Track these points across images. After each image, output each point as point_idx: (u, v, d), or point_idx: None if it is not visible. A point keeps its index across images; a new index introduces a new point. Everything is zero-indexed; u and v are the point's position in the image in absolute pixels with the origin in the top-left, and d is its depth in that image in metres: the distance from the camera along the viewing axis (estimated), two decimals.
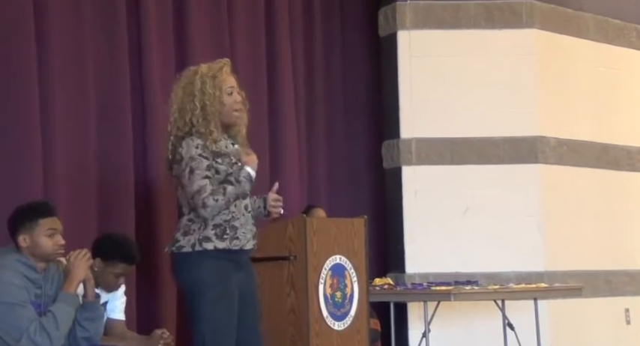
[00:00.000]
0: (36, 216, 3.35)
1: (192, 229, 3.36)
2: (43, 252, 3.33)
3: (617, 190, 6.42)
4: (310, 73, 5.79)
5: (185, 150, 3.35)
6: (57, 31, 4.31)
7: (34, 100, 4.17)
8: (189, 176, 3.32)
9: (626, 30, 6.62)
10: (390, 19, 6.01)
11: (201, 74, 3.42)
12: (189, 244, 3.35)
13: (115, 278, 3.66)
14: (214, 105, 3.38)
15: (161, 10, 4.83)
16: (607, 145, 6.40)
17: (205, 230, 3.34)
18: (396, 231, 5.87)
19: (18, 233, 3.35)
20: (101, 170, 4.46)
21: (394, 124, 5.94)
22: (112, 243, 3.71)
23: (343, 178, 5.93)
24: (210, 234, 3.34)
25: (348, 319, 4.13)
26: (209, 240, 3.34)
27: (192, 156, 3.33)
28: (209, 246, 3.33)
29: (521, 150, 5.96)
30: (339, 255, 4.13)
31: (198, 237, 3.34)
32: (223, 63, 3.48)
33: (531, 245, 5.88)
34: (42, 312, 3.31)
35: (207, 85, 3.38)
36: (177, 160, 3.38)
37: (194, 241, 3.34)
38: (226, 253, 3.36)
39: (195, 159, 3.32)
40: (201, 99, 3.37)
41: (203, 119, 3.36)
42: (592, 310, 6.09)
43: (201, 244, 3.33)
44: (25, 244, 3.33)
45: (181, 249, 3.36)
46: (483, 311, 5.61)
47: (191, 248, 3.34)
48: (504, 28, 6.03)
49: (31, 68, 4.18)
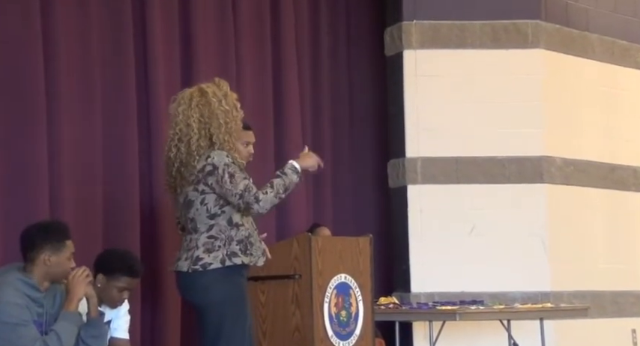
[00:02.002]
0: (64, 238, 3.39)
1: (217, 246, 3.40)
2: (61, 273, 3.36)
3: (623, 210, 6.40)
4: (316, 92, 5.81)
5: (217, 159, 3.41)
6: (63, 44, 4.32)
7: (41, 115, 4.19)
8: (231, 180, 3.38)
9: (631, 50, 6.63)
10: (396, 39, 6.03)
11: (212, 94, 3.50)
12: (218, 260, 3.38)
13: (119, 293, 3.65)
14: (237, 122, 3.49)
15: (167, 21, 4.84)
16: (613, 165, 6.39)
17: (230, 245, 3.39)
18: (401, 250, 5.86)
19: (41, 251, 3.34)
20: (106, 187, 4.46)
21: (400, 143, 5.94)
22: (113, 257, 3.72)
23: (348, 197, 5.93)
24: (236, 250, 3.40)
25: (353, 338, 4.11)
26: (236, 256, 3.39)
27: (227, 163, 3.40)
28: (238, 261, 3.39)
29: (527, 170, 5.96)
30: (345, 273, 4.12)
31: (225, 253, 3.38)
32: (225, 84, 3.57)
33: (537, 265, 5.86)
34: (44, 331, 3.31)
35: (224, 104, 3.48)
36: (208, 172, 3.40)
37: (222, 257, 3.38)
38: (245, 269, 3.44)
39: (230, 165, 3.40)
40: (224, 118, 3.46)
41: (229, 135, 3.45)
42: (598, 331, 6.05)
43: (231, 259, 3.38)
44: (48, 263, 3.33)
45: (208, 267, 3.37)
46: (489, 331, 5.58)
47: (220, 263, 3.37)
48: (510, 48, 6.04)
49: (39, 83, 4.19)
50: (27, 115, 4.16)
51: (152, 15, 4.73)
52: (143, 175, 4.63)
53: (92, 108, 4.46)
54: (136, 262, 3.76)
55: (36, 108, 4.17)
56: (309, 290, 3.96)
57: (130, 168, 4.57)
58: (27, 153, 4.15)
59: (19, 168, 4.14)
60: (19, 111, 4.16)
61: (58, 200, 4.21)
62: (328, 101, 5.88)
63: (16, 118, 4.16)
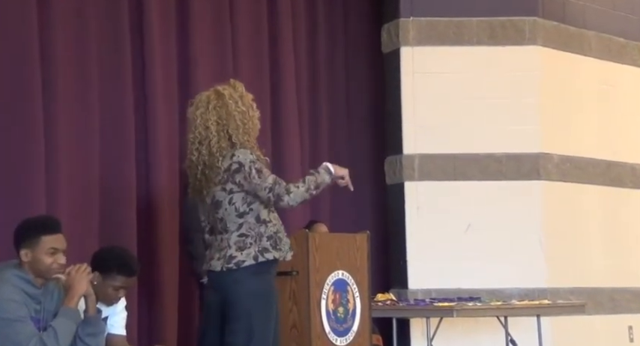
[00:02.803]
0: (40, 233, 3.34)
1: (249, 243, 3.44)
2: (41, 269, 3.32)
3: (620, 207, 6.41)
4: (314, 89, 5.81)
5: (242, 157, 3.46)
6: (60, 48, 4.33)
7: (38, 115, 4.19)
8: (259, 174, 3.43)
9: (628, 47, 6.64)
10: (393, 36, 6.03)
11: (229, 96, 3.55)
12: (251, 257, 3.42)
13: (115, 292, 3.65)
14: (253, 121, 3.54)
15: (164, 26, 4.85)
16: (610, 162, 6.40)
17: (262, 242, 3.44)
18: (398, 247, 5.86)
19: (21, 247, 3.35)
20: (103, 186, 4.47)
21: (397, 140, 5.95)
22: (109, 255, 3.71)
23: (346, 193, 5.89)
24: (267, 245, 3.44)
25: (351, 335, 4.12)
26: (268, 251, 3.44)
27: (252, 159, 3.45)
28: (270, 256, 3.44)
29: (524, 167, 5.96)
30: (342, 270, 4.13)
31: (257, 249, 3.43)
32: (240, 85, 3.62)
33: (534, 261, 5.87)
34: (41, 328, 3.29)
35: (240, 105, 3.53)
36: (235, 170, 3.45)
37: (255, 253, 3.43)
38: (276, 264, 3.49)
39: (255, 162, 3.45)
40: (242, 119, 3.51)
41: (247, 135, 3.50)
42: (595, 327, 6.07)
43: (263, 255, 3.43)
44: (27, 259, 3.33)
45: (242, 264, 3.42)
46: (486, 328, 5.59)
47: (254, 260, 3.42)
48: (507, 45, 6.05)
49: (35, 79, 4.19)
50: (23, 112, 4.16)
51: (150, 21, 4.72)
52: (140, 171, 4.64)
53: (89, 104, 4.46)
54: (132, 261, 3.76)
55: (32, 105, 4.17)
56: (307, 286, 3.96)
57: (126, 164, 4.57)
58: (23, 149, 4.15)
59: (15, 164, 4.14)
60: (16, 108, 4.16)
61: (55, 196, 4.21)
62: (325, 98, 5.88)
63: (13, 115, 4.16)
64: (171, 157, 4.76)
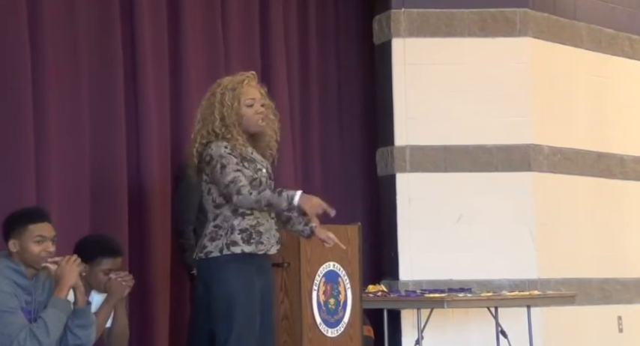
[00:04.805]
0: (26, 222, 3.35)
1: (220, 234, 3.44)
2: (29, 257, 3.33)
3: (610, 198, 6.44)
4: (305, 81, 5.80)
5: (214, 150, 3.45)
6: (51, 41, 4.32)
7: (28, 109, 4.18)
8: (222, 170, 3.43)
9: (618, 39, 6.65)
10: (384, 27, 6.03)
11: (222, 86, 3.55)
12: (217, 249, 3.43)
13: (106, 276, 3.66)
14: (231, 116, 3.50)
15: (155, 19, 4.83)
16: (600, 153, 6.42)
17: (232, 235, 3.43)
18: (389, 238, 5.88)
19: (9, 238, 3.35)
20: (94, 180, 4.46)
21: (388, 132, 5.95)
22: (89, 243, 3.74)
23: (337, 185, 5.94)
24: (237, 239, 3.43)
25: (342, 326, 4.13)
26: (236, 244, 3.42)
27: (222, 154, 3.44)
28: (237, 249, 3.42)
29: (515, 158, 5.98)
30: (333, 261, 4.14)
31: (225, 242, 3.43)
32: (246, 76, 3.59)
33: (525, 252, 5.89)
34: (32, 319, 3.30)
35: (227, 97, 3.51)
36: (206, 161, 3.47)
37: (222, 246, 3.43)
38: (252, 257, 3.44)
39: (225, 157, 3.43)
40: (220, 111, 3.49)
41: (225, 128, 3.48)
42: (585, 318, 6.10)
43: (229, 248, 3.42)
44: (15, 249, 3.34)
45: (210, 255, 3.44)
46: (476, 319, 5.61)
47: (219, 252, 3.42)
48: (498, 37, 6.05)
49: (25, 76, 4.19)
50: (13, 102, 4.16)
51: (141, 15, 4.71)
52: (131, 161, 4.63)
53: (80, 93, 4.46)
54: (113, 242, 3.80)
55: (22, 95, 4.17)
56: (298, 278, 3.97)
57: (118, 154, 4.57)
58: (14, 140, 4.14)
59: (6, 154, 4.13)
60: (6, 98, 4.15)
61: (45, 187, 4.20)
62: (317, 90, 5.88)
63: (3, 105, 4.14)
64: (162, 148, 4.76)
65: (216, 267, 3.42)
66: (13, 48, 4.18)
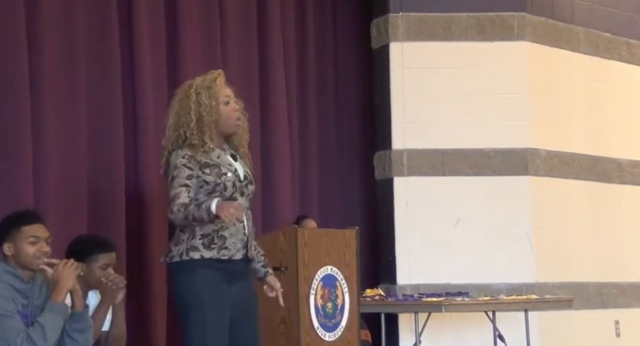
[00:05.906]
0: (19, 224, 3.35)
1: (182, 239, 3.41)
2: (24, 259, 3.33)
3: (607, 202, 6.44)
4: (303, 85, 5.81)
5: (173, 158, 3.42)
6: (49, 41, 4.32)
7: (26, 110, 4.18)
8: (170, 184, 3.41)
9: (616, 43, 6.66)
10: (382, 31, 6.04)
11: (195, 86, 3.48)
12: (178, 253, 3.40)
13: (103, 271, 3.66)
14: (211, 115, 3.43)
15: (153, 19, 4.84)
16: (597, 157, 6.43)
17: (193, 240, 3.39)
18: (387, 242, 5.88)
19: (3, 241, 3.35)
20: (92, 181, 4.46)
21: (386, 135, 5.96)
22: (82, 242, 3.75)
23: (335, 189, 5.94)
24: (197, 244, 3.38)
25: (339, 330, 4.13)
26: (196, 250, 3.38)
27: (176, 165, 3.39)
28: (196, 255, 3.37)
29: (513, 162, 5.98)
30: (331, 265, 4.14)
31: (186, 247, 3.39)
32: (217, 74, 3.52)
33: (522, 256, 5.89)
34: (29, 323, 3.29)
35: (203, 96, 3.44)
36: (165, 170, 3.47)
37: (182, 250, 3.39)
38: (215, 262, 3.38)
39: (178, 168, 3.39)
40: (197, 111, 3.42)
41: (199, 131, 3.42)
42: (582, 322, 6.10)
43: (188, 253, 3.38)
44: (10, 252, 3.33)
45: (172, 259, 3.42)
46: (474, 323, 5.61)
47: (179, 257, 3.39)
48: (496, 41, 6.06)
49: (23, 77, 4.18)
50: (11, 103, 4.15)
51: (138, 5, 4.71)
52: (129, 161, 4.62)
53: (77, 93, 4.45)
54: (106, 238, 3.81)
55: (20, 96, 4.16)
56: (296, 282, 3.97)
57: (115, 155, 4.56)
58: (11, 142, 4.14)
59: (2, 154, 4.13)
60: (4, 99, 4.15)
61: (42, 187, 4.20)
62: (314, 94, 5.88)
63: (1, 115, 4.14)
64: (159, 149, 4.73)
65: (177, 272, 3.39)
66: (11, 49, 4.18)
